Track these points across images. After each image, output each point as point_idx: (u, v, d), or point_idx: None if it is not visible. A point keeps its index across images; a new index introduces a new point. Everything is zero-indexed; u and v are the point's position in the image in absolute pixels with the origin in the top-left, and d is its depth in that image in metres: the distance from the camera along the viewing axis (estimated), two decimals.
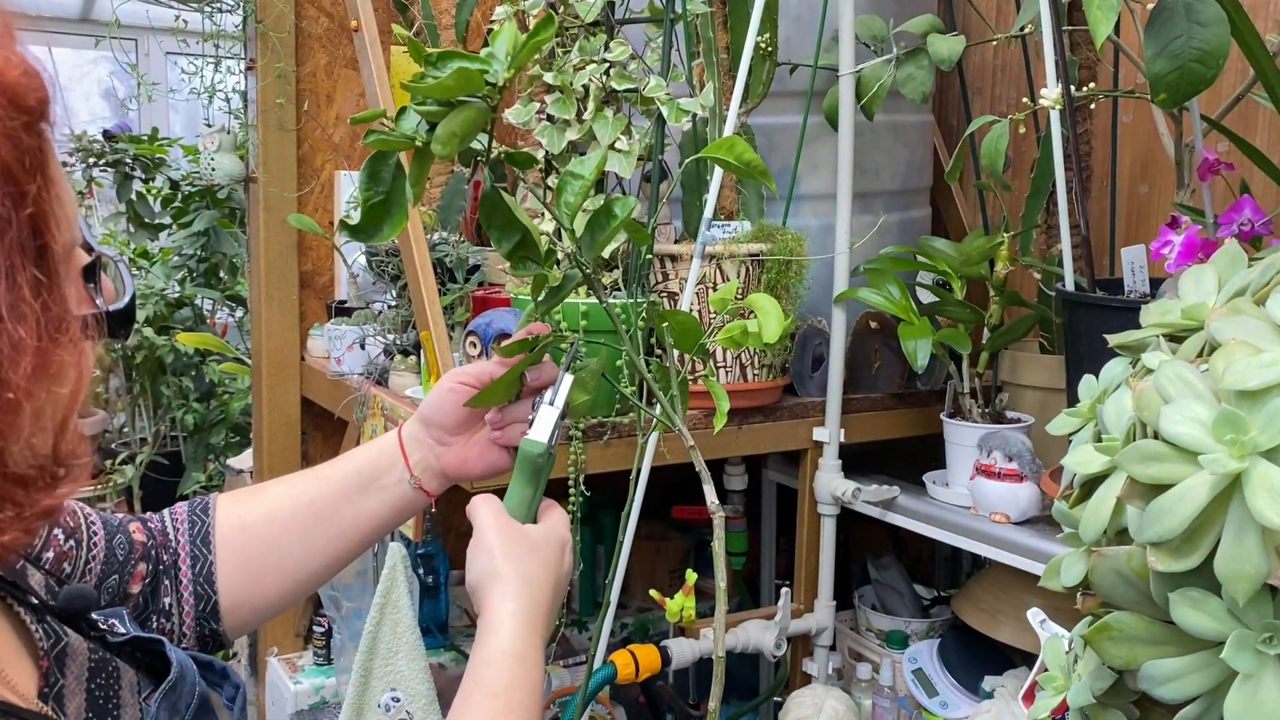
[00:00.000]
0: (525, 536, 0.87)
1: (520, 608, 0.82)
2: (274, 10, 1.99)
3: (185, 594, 0.91)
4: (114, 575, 0.87)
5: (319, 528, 0.95)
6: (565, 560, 0.89)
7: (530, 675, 0.80)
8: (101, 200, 4.55)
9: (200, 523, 0.93)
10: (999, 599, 1.64)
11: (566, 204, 0.94)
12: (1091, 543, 0.74)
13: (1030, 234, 1.72)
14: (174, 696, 0.71)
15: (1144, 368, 0.76)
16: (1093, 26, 1.09)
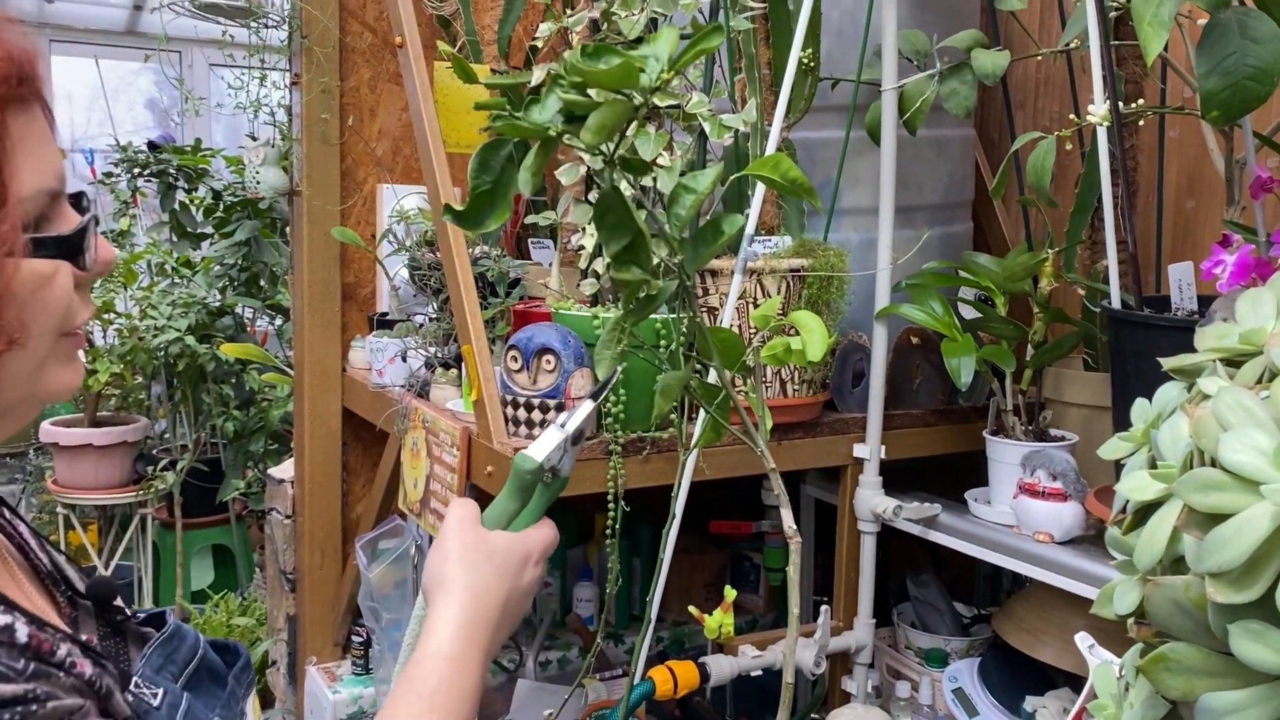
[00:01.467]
0: (484, 544, 0.87)
1: (460, 614, 0.83)
2: (318, 26, 2.01)
3: None
4: None
5: None
6: (526, 574, 0.88)
7: (462, 679, 0.80)
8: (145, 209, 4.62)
9: None
10: (1042, 618, 1.62)
11: (676, 216, 0.93)
12: (1146, 571, 0.73)
13: (1074, 250, 1.71)
14: (169, 647, 0.80)
15: (1200, 393, 0.75)
16: (1144, 44, 1.08)
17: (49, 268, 0.69)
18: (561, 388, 1.50)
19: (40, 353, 0.70)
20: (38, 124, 0.70)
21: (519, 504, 0.92)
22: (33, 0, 5.25)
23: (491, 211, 0.89)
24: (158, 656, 0.79)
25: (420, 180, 2.13)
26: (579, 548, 2.32)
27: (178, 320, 3.66)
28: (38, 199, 0.68)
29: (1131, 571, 0.76)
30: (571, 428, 0.94)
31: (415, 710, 0.77)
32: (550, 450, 0.92)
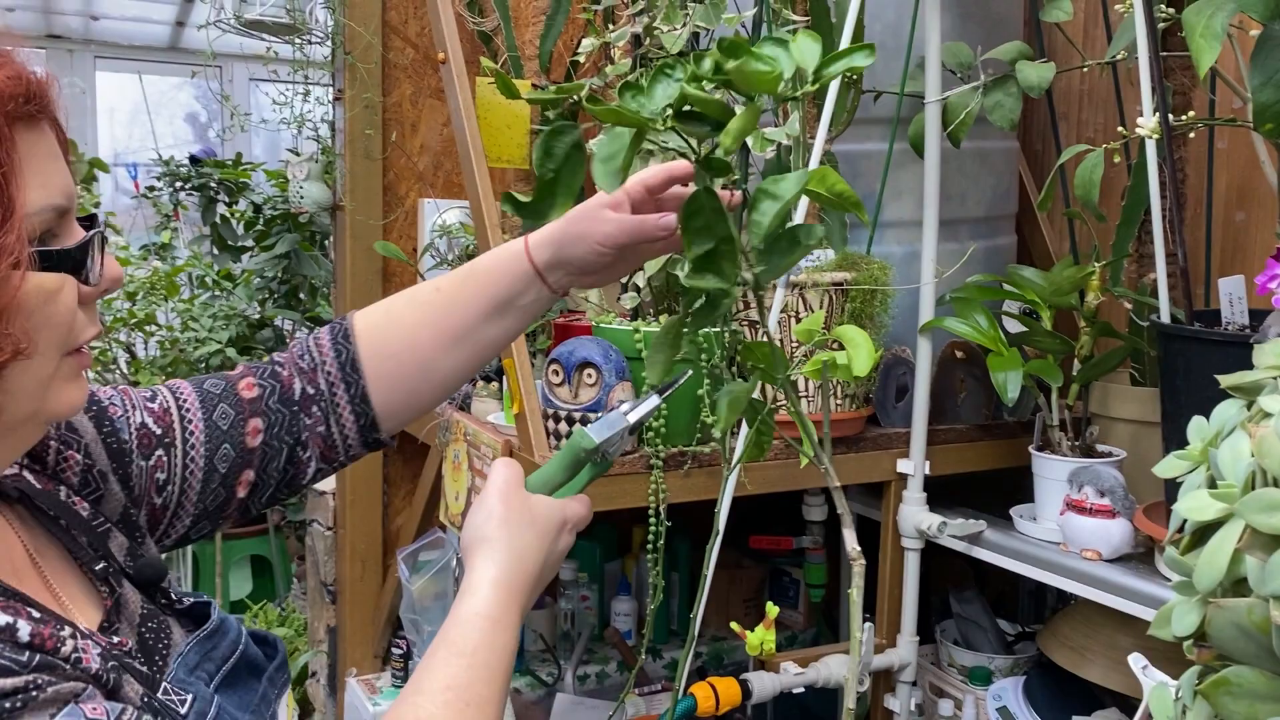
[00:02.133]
0: (528, 508, 0.87)
1: (502, 575, 0.83)
2: (361, 42, 2.03)
3: (344, 413, 0.99)
4: (224, 445, 0.94)
5: (462, 347, 0.99)
6: (562, 540, 0.89)
7: (500, 639, 0.80)
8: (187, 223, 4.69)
9: (345, 350, 0.99)
10: (1088, 637, 1.60)
11: (757, 224, 0.89)
12: (1206, 593, 0.71)
13: (1121, 263, 1.69)
14: (209, 644, 0.82)
15: (1261, 411, 0.74)
16: (1195, 56, 1.07)
17: (54, 282, 0.71)
18: (603, 401, 1.50)
19: (46, 369, 0.72)
20: (46, 142, 0.72)
21: (566, 476, 0.94)
22: (79, 18, 5.34)
23: (554, 202, 0.87)
24: (195, 654, 0.81)
25: (461, 194, 2.14)
26: (617, 561, 2.32)
27: (219, 332, 3.70)
28: (44, 214, 0.70)
29: (1190, 592, 0.74)
30: (634, 418, 0.96)
31: (455, 668, 0.77)
32: (610, 435, 0.94)
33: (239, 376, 0.98)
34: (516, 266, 0.98)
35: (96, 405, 0.90)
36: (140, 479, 0.90)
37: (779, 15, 1.55)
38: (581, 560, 2.24)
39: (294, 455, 0.98)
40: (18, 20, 5.24)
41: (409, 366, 0.99)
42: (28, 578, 0.76)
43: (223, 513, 0.96)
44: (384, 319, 1.01)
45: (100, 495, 0.87)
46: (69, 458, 0.86)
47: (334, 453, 1.00)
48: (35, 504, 0.81)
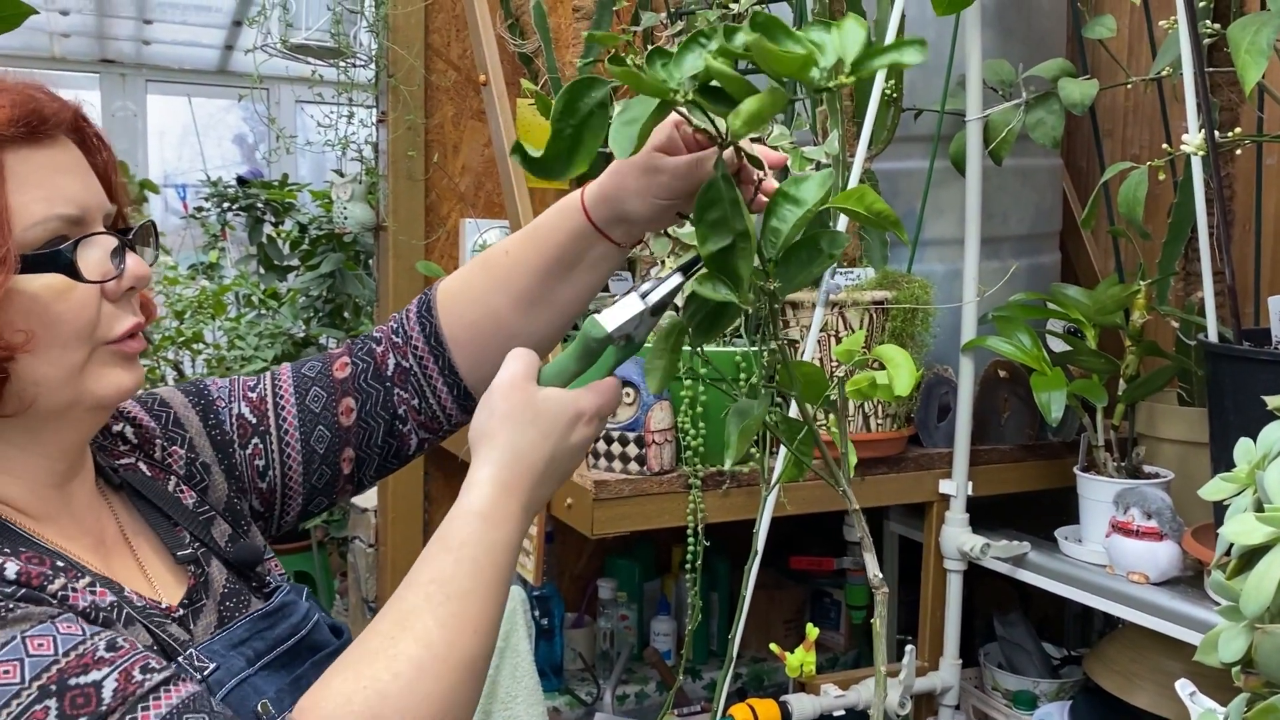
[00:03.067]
0: (532, 403, 0.84)
1: (499, 473, 0.81)
2: (404, 65, 2.06)
3: (438, 385, 1.00)
4: (319, 427, 0.98)
5: (539, 309, 0.97)
6: (576, 433, 0.85)
7: (492, 535, 0.79)
8: (234, 242, 4.76)
9: (428, 323, 1.00)
10: (1135, 661, 1.57)
11: (774, 231, 0.81)
12: (1254, 618, 0.70)
13: (1167, 281, 1.66)
14: (264, 623, 0.86)
15: None
16: (1241, 73, 1.05)
17: (60, 282, 0.77)
18: (641, 420, 1.50)
19: (71, 360, 0.78)
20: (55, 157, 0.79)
21: (581, 366, 0.87)
22: (131, 43, 5.47)
23: (569, 161, 0.79)
24: (244, 630, 0.85)
25: (502, 214, 2.16)
26: (656, 580, 2.31)
27: (264, 350, 3.75)
28: (49, 223, 0.77)
29: (1237, 618, 0.73)
30: (653, 299, 0.87)
31: (442, 562, 0.78)
32: (624, 320, 0.86)
33: (336, 356, 1.00)
34: (573, 223, 0.94)
35: (205, 398, 0.97)
36: (244, 467, 0.96)
37: None
38: (621, 579, 2.23)
39: (393, 429, 1.00)
40: (74, 46, 5.38)
41: (489, 333, 0.98)
42: (118, 554, 0.85)
43: (334, 489, 1.00)
44: (461, 287, 1.00)
45: (205, 485, 0.94)
46: (173, 453, 0.94)
47: (436, 423, 1.01)
48: (137, 491, 0.89)
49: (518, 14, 2.03)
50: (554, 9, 2.12)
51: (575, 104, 0.78)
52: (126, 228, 0.86)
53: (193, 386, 0.98)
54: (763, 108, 0.72)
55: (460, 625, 0.75)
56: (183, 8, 5.03)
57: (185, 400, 0.97)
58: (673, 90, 0.74)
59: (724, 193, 0.79)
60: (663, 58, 0.76)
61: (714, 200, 0.79)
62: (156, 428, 0.94)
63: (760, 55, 0.71)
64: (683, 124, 0.87)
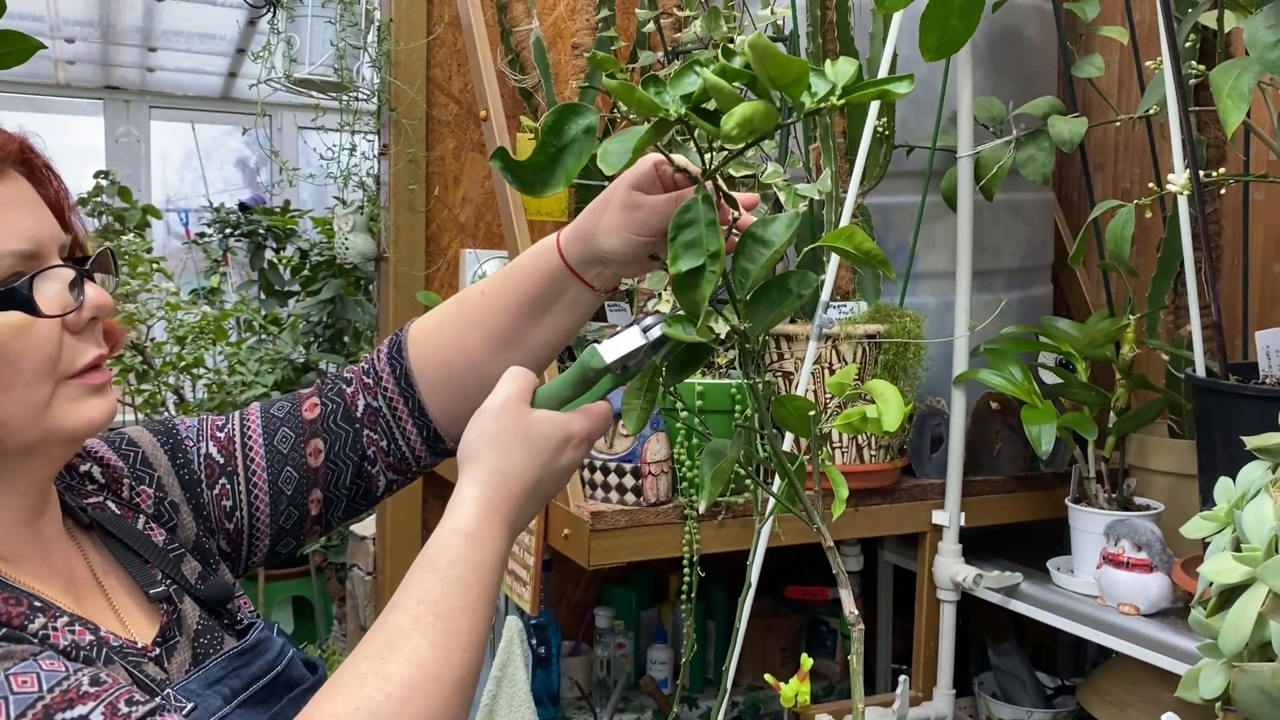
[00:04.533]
0: (522, 424, 0.84)
1: (485, 493, 0.82)
2: (406, 99, 2.09)
3: (407, 426, 0.99)
4: (286, 468, 0.98)
5: (511, 350, 0.97)
6: (565, 456, 0.85)
7: (479, 554, 0.79)
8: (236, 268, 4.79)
9: (398, 364, 0.99)
10: (1128, 691, 1.58)
11: (743, 271, 0.83)
12: (1232, 656, 0.72)
13: (1157, 315, 1.68)
14: (239, 660, 0.86)
15: None
16: (1223, 116, 1.08)
17: (17, 319, 0.77)
18: (638, 452, 1.52)
19: (36, 396, 0.78)
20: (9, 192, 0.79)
21: (575, 393, 0.87)
22: (135, 70, 5.51)
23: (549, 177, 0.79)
24: (220, 669, 0.85)
25: (502, 245, 2.18)
26: (653, 609, 2.32)
27: (265, 376, 3.77)
28: (1, 261, 0.77)
29: (1217, 655, 0.74)
30: (654, 334, 0.87)
31: (428, 582, 0.78)
32: (624, 353, 0.86)
33: (306, 396, 1.00)
34: (548, 263, 0.94)
35: (173, 437, 0.97)
36: (211, 507, 0.96)
37: None
38: (618, 608, 2.24)
39: (361, 470, 1.00)
40: (78, 73, 5.42)
41: (461, 373, 0.98)
42: (89, 595, 0.85)
43: (301, 530, 1.00)
44: (435, 326, 1.00)
45: (174, 524, 0.94)
46: (141, 492, 0.93)
47: (404, 465, 1.01)
48: (106, 530, 0.89)
49: (518, 50, 2.06)
50: (553, 45, 2.15)
51: (563, 125, 0.79)
52: (84, 256, 0.85)
53: (161, 425, 0.98)
54: (755, 114, 0.73)
55: (451, 644, 0.75)
56: (187, 36, 5.08)
57: (154, 439, 0.96)
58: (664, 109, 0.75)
59: (702, 214, 0.79)
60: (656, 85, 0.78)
61: (691, 221, 0.79)
62: (124, 467, 0.93)
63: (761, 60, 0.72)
64: (663, 164, 0.88)
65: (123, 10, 4.82)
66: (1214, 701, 0.75)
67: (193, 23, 4.91)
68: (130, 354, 3.73)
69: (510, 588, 1.71)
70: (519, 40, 2.05)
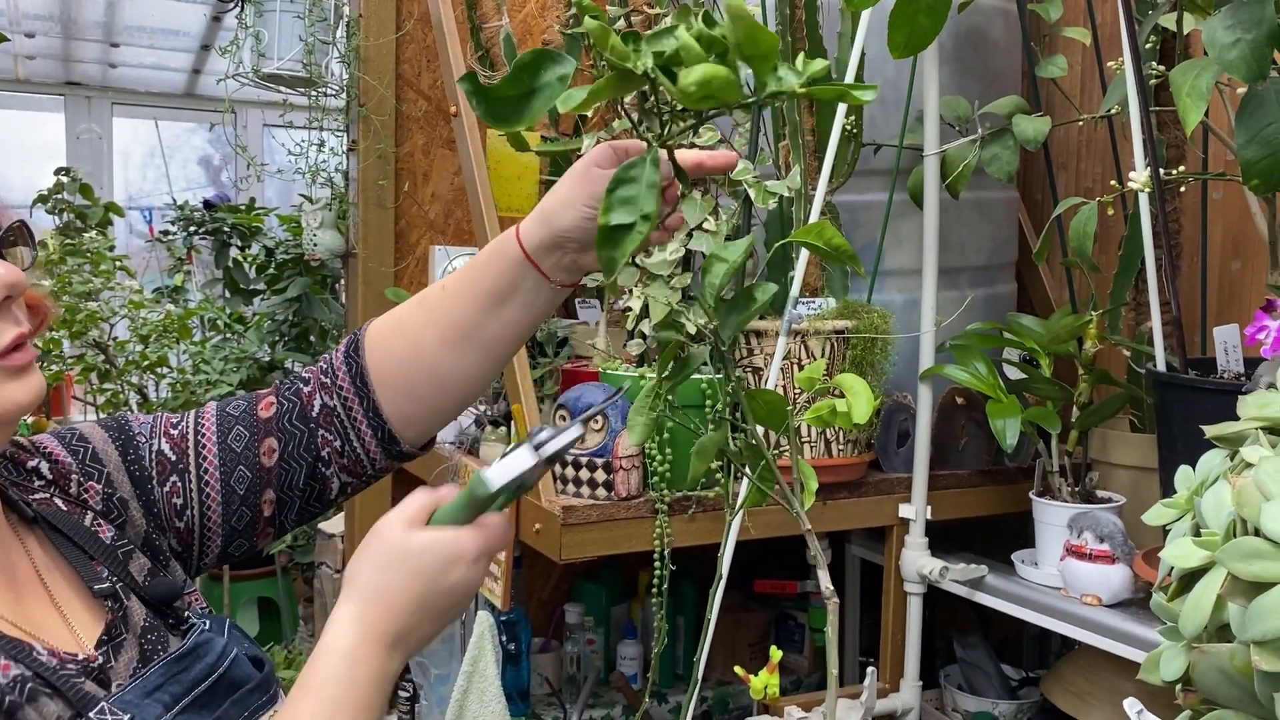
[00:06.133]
0: (403, 542, 0.83)
1: (361, 611, 0.82)
2: (375, 95, 2.09)
3: (362, 427, 0.98)
4: (239, 467, 0.96)
5: (467, 346, 0.96)
6: (454, 573, 0.83)
7: (354, 672, 0.79)
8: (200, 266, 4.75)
9: (354, 363, 0.98)
10: (1090, 682, 1.61)
11: (710, 285, 0.92)
12: (1192, 638, 0.74)
13: (1119, 311, 1.71)
14: (178, 666, 0.84)
15: (1243, 462, 0.76)
16: (1182, 115, 1.10)
17: None
18: (609, 447, 1.53)
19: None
20: None
21: (469, 516, 0.84)
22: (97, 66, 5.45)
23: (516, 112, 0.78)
24: (158, 676, 0.83)
25: (472, 241, 2.18)
26: (623, 605, 2.33)
27: (230, 375, 3.74)
28: None
29: (1177, 638, 0.76)
30: (548, 451, 0.85)
31: (303, 703, 0.78)
32: (514, 476, 0.84)
33: (263, 396, 0.99)
34: (506, 250, 0.94)
35: (126, 433, 0.95)
36: (161, 504, 0.94)
37: None
38: (588, 604, 2.25)
39: (315, 472, 0.98)
40: (38, 68, 5.35)
41: (416, 371, 0.97)
42: (31, 592, 0.84)
43: (254, 531, 0.98)
44: (394, 324, 0.99)
45: (123, 520, 0.92)
46: (89, 488, 0.92)
47: (359, 467, 1.00)
48: (52, 525, 0.88)
49: (488, 46, 2.06)
50: (523, 42, 2.15)
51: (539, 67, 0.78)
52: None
53: (114, 421, 0.97)
54: (715, 77, 0.73)
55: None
56: (151, 31, 5.03)
57: (105, 435, 0.95)
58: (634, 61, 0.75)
59: (645, 175, 0.78)
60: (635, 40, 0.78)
61: (632, 179, 0.78)
62: (73, 463, 0.92)
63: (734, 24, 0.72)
64: (623, 147, 0.89)
65: (84, 5, 4.76)
66: (1175, 683, 0.77)
67: (156, 18, 4.87)
68: (92, 353, 3.69)
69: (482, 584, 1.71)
70: (489, 37, 2.05)
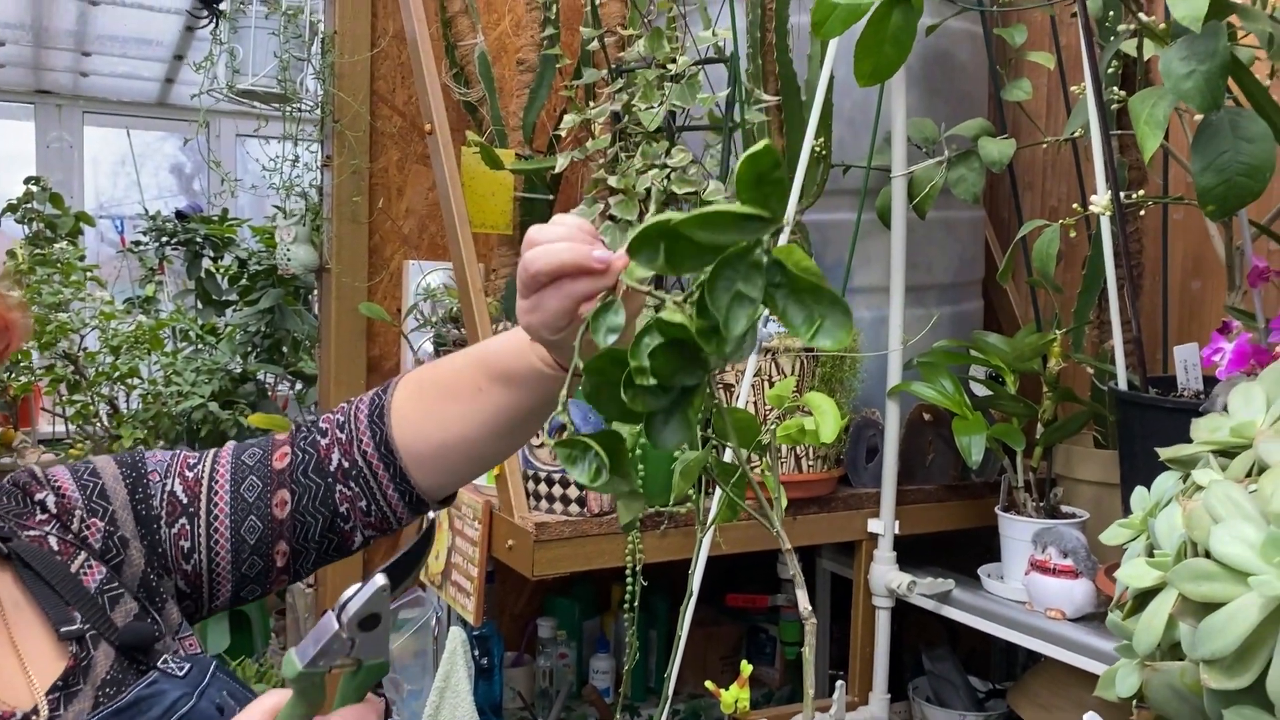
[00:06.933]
0: None
1: None
2: (350, 111, 2.09)
3: (389, 491, 0.96)
4: (250, 517, 0.95)
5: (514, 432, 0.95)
6: None
7: None
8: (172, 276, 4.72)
9: (379, 430, 0.96)
10: (1055, 694, 1.63)
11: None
12: (1145, 656, 0.76)
13: (1083, 329, 1.75)
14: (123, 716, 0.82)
15: (1194, 484, 0.79)
16: (1140, 142, 1.13)
17: None
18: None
19: None
20: None
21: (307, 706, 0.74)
22: (68, 74, 5.41)
23: None
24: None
25: (445, 256, 2.19)
26: (595, 619, 2.34)
27: (201, 386, 3.72)
28: None
29: (1132, 655, 0.79)
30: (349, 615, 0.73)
31: None
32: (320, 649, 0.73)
33: (279, 444, 0.98)
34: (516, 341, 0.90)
35: (139, 470, 0.94)
36: (168, 545, 0.93)
37: (751, 94, 1.62)
38: (560, 618, 2.26)
39: (333, 525, 0.97)
40: (8, 76, 5.31)
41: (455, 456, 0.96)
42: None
43: (267, 579, 0.97)
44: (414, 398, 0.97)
45: (120, 561, 0.91)
46: (91, 525, 0.91)
47: (385, 523, 0.99)
48: (25, 563, 0.86)
49: (462, 64, 2.07)
50: (498, 59, 2.17)
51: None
52: None
53: (129, 457, 0.96)
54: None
55: None
56: (123, 41, 5.01)
57: (117, 472, 0.94)
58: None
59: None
60: None
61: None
62: (80, 498, 0.91)
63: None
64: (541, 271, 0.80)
65: (56, 13, 4.73)
66: (1129, 700, 0.79)
67: (129, 28, 4.84)
68: (62, 364, 3.67)
69: (454, 599, 1.72)
70: (464, 54, 2.06)
